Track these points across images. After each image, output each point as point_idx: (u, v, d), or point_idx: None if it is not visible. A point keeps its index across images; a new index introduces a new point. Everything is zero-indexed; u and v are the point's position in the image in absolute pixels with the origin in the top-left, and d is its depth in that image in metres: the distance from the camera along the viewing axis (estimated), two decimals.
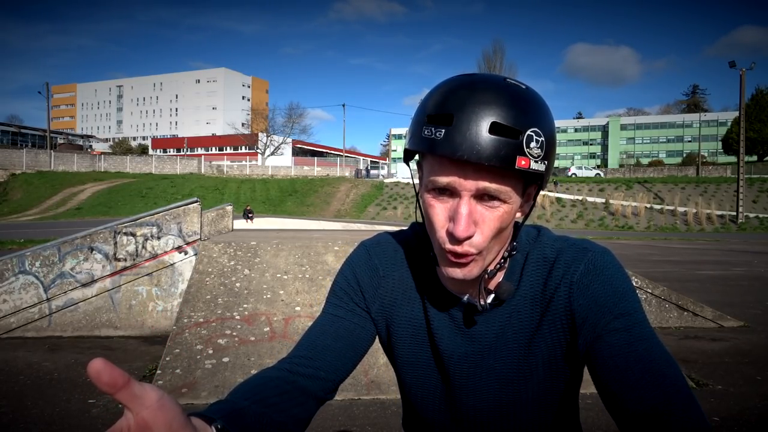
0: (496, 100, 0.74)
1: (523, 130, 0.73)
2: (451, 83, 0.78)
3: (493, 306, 0.87)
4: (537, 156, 0.74)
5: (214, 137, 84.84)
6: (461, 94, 0.75)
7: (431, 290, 0.92)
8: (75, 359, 4.71)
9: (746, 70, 32.72)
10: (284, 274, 5.00)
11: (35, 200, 37.11)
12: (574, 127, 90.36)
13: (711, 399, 3.89)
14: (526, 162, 0.73)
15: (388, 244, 0.98)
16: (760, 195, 36.13)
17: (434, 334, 0.91)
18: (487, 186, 0.74)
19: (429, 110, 0.76)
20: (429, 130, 0.75)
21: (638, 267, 11.82)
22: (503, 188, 0.75)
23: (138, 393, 0.48)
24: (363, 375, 3.94)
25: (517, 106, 0.74)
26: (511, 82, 0.77)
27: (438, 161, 0.77)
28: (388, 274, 0.95)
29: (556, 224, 33.12)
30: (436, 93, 0.78)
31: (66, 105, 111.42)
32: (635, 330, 0.75)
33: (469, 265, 0.79)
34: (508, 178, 0.75)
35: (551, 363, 0.85)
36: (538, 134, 0.74)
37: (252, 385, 0.80)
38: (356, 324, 0.92)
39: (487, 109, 0.73)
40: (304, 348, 0.89)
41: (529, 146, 0.73)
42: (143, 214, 6.13)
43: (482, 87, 0.75)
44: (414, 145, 0.78)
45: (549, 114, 0.78)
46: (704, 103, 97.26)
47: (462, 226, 0.75)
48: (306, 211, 36.94)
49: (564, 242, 0.87)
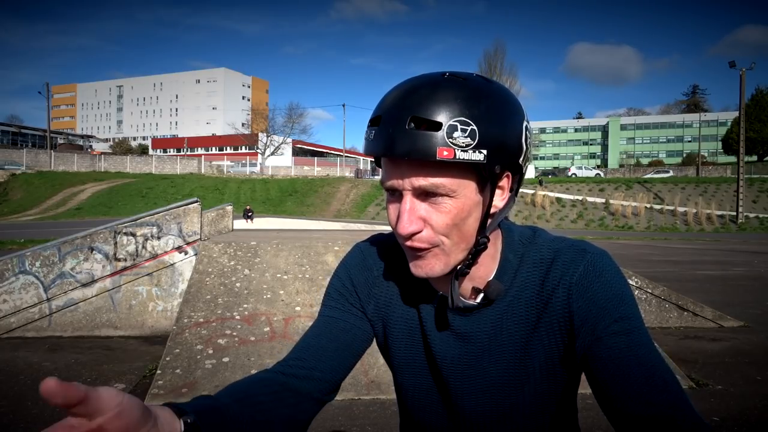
0: (416, 95, 0.73)
1: (445, 121, 0.71)
2: (392, 87, 0.79)
3: (483, 306, 0.85)
4: (465, 145, 0.71)
5: (214, 137, 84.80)
6: (391, 95, 0.76)
7: (423, 290, 0.91)
8: (75, 359, 4.71)
9: (746, 70, 32.72)
10: (284, 274, 5.00)
11: (35, 200, 37.11)
12: (574, 127, 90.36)
13: (711, 399, 3.89)
14: (449, 152, 0.70)
15: (383, 245, 0.97)
16: (760, 195, 36.11)
17: (427, 334, 0.90)
18: (422, 183, 0.74)
19: (371, 115, 0.78)
20: (367, 132, 0.77)
21: (638, 267, 11.81)
22: (440, 182, 0.74)
23: (95, 405, 0.49)
24: (363, 375, 3.94)
25: (440, 98, 0.72)
26: (446, 78, 0.75)
27: (384, 164, 0.78)
28: (382, 275, 0.95)
29: (556, 224, 33.11)
30: (381, 99, 0.79)
31: (66, 105, 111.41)
32: (634, 334, 0.75)
33: (426, 258, 0.78)
34: (447, 171, 0.74)
35: (548, 366, 0.84)
36: (466, 123, 0.71)
37: (239, 385, 0.80)
38: (352, 324, 0.92)
39: (409, 104, 0.72)
40: (299, 350, 0.88)
41: (452, 136, 0.71)
42: (143, 214, 6.13)
43: (409, 85, 0.76)
44: (363, 150, 0.80)
45: (493, 103, 0.75)
46: (704, 103, 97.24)
47: (403, 223, 0.75)
48: (306, 211, 36.94)
49: (561, 243, 0.86)
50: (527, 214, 34.74)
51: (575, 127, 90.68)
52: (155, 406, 0.58)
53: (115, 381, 4.14)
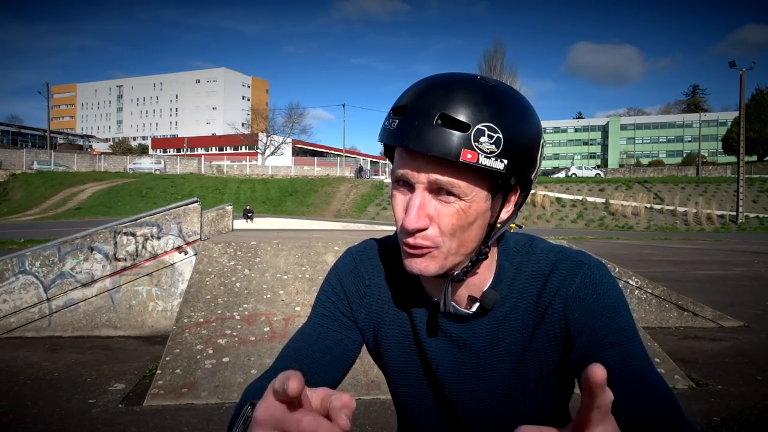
0: (450, 93, 0.73)
1: (474, 123, 0.71)
2: (420, 80, 0.79)
3: (477, 315, 0.85)
4: (489, 152, 0.71)
5: (214, 137, 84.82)
6: (421, 87, 0.76)
7: (417, 296, 0.91)
8: (75, 359, 4.71)
9: (746, 70, 32.72)
10: (284, 274, 5.00)
11: (35, 200, 37.10)
12: (574, 127, 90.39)
13: (711, 399, 3.89)
14: (473, 156, 0.71)
15: (374, 251, 0.96)
16: (760, 195, 36.10)
17: (422, 341, 0.89)
18: (438, 178, 0.74)
19: (394, 103, 0.78)
20: (388, 121, 0.76)
21: (638, 267, 11.80)
22: (456, 182, 0.74)
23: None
24: (363, 375, 3.94)
25: (472, 100, 0.72)
26: (478, 80, 0.76)
27: (398, 153, 0.78)
28: (374, 282, 0.94)
29: (556, 224, 33.11)
30: (406, 89, 0.79)
31: (66, 105, 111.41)
32: (629, 346, 0.75)
33: (424, 257, 0.78)
34: (464, 173, 0.74)
35: (544, 377, 0.85)
36: (493, 130, 0.71)
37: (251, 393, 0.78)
38: (342, 334, 0.91)
39: (439, 100, 0.73)
40: (288, 359, 0.86)
41: (479, 140, 0.71)
42: (143, 214, 6.13)
43: (441, 81, 0.76)
44: (379, 137, 0.79)
45: (520, 114, 0.75)
46: (704, 103, 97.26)
47: (412, 217, 0.74)
48: (306, 211, 36.93)
49: (559, 254, 0.86)
50: (527, 213, 34.73)
51: (575, 127, 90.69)
52: None
53: (115, 381, 4.14)
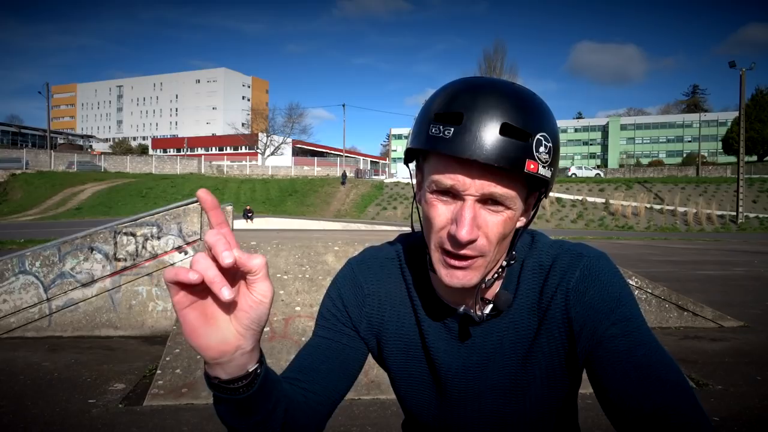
0: (507, 101, 0.73)
1: (533, 133, 0.72)
2: (460, 83, 0.77)
3: (491, 317, 0.85)
4: (545, 161, 0.73)
5: (214, 137, 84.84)
6: (471, 93, 0.74)
7: (425, 302, 0.90)
8: (75, 359, 4.71)
9: (746, 70, 32.72)
10: (284, 274, 5.00)
11: (35, 200, 37.09)
12: (574, 127, 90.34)
13: (711, 399, 3.89)
14: (535, 166, 0.71)
15: (374, 260, 0.96)
16: (760, 195, 36.10)
17: (430, 348, 0.89)
18: (494, 190, 0.73)
19: (436, 109, 0.75)
20: (437, 128, 0.73)
21: (638, 267, 11.80)
22: (509, 193, 0.74)
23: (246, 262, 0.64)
24: (363, 375, 3.93)
25: (527, 109, 0.73)
26: (520, 86, 0.77)
27: (443, 161, 0.74)
28: (373, 291, 0.93)
29: (556, 224, 33.11)
30: (443, 93, 0.77)
31: (66, 105, 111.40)
32: (634, 335, 0.74)
33: (469, 270, 0.77)
34: (515, 182, 0.74)
35: (549, 373, 0.84)
36: (547, 139, 0.73)
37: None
38: (346, 345, 0.91)
39: (498, 109, 0.71)
40: (294, 371, 0.87)
41: (538, 150, 0.72)
42: (143, 214, 6.13)
43: (492, 88, 0.74)
44: (419, 144, 0.76)
45: (555, 121, 0.78)
46: (704, 103, 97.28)
47: (466, 229, 0.72)
48: (306, 211, 36.91)
49: (559, 248, 0.86)
50: None
51: (575, 126, 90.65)
52: None
53: (115, 381, 4.14)
